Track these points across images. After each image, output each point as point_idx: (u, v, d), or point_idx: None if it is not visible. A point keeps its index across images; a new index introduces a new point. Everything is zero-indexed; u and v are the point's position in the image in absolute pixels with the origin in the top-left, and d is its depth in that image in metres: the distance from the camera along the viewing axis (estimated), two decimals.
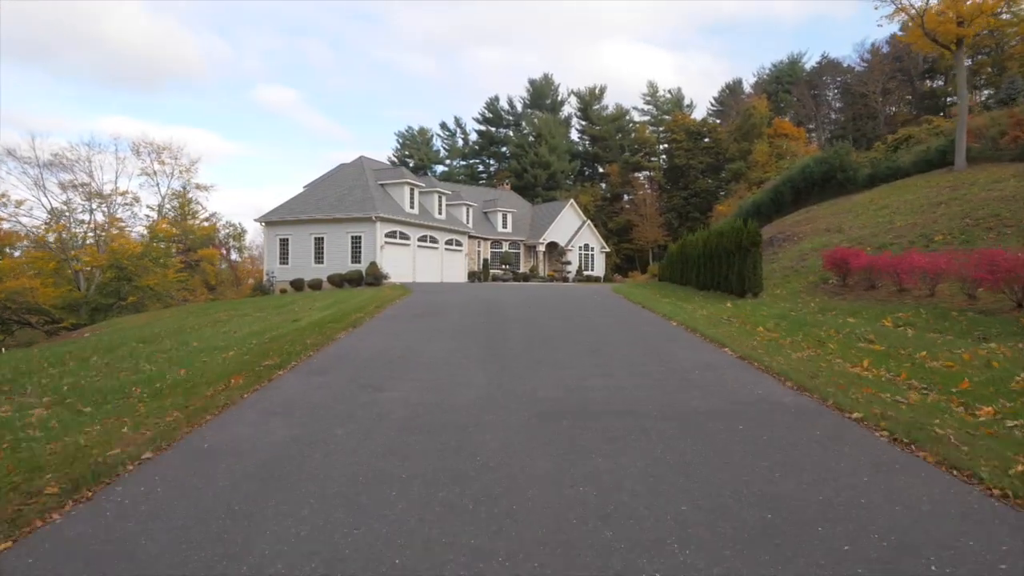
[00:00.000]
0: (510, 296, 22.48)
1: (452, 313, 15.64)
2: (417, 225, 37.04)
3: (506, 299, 21.16)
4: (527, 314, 15.40)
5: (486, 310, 16.43)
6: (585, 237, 52.02)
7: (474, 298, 21.26)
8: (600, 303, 19.68)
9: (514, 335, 11.72)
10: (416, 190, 37.69)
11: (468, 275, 43.57)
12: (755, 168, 66.20)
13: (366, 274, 32.23)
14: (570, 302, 19.86)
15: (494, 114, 78.83)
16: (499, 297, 21.94)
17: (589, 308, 18.15)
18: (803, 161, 40.27)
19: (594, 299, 21.69)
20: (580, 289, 29.83)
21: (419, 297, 21.50)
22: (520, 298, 21.80)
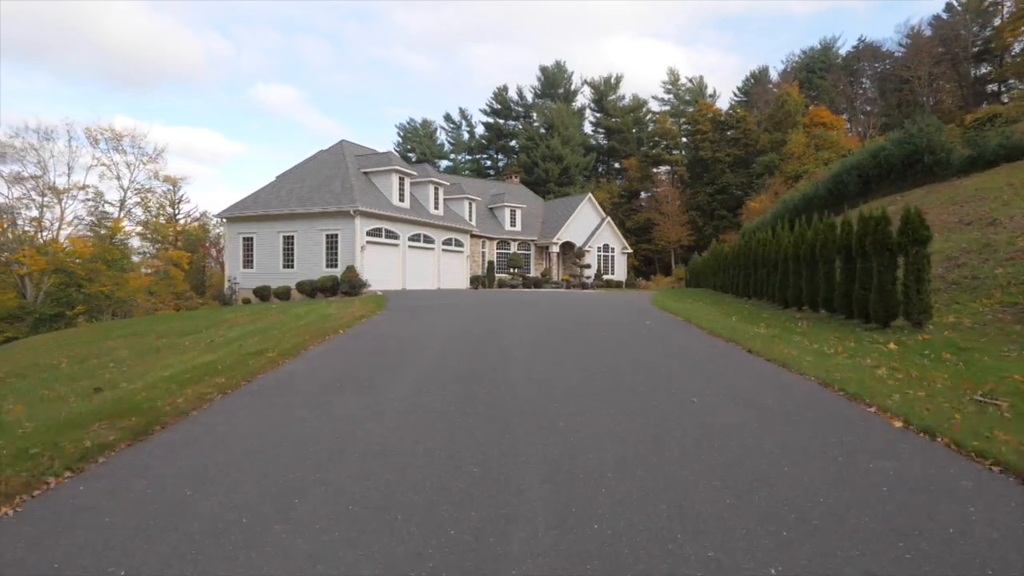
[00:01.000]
0: (518, 316, 15.90)
1: (417, 361, 9.02)
2: (408, 221, 30.55)
3: (513, 320, 14.62)
4: (548, 360, 8.82)
5: (477, 351, 9.86)
6: (605, 236, 45.35)
7: (468, 320, 14.76)
8: (653, 331, 13.05)
9: (527, 437, 5.33)
10: (407, 180, 31.21)
11: (470, 280, 37.06)
12: (790, 160, 59.21)
13: (341, 281, 25.76)
14: (607, 327, 13.26)
15: (502, 105, 72.28)
16: (503, 318, 15.38)
17: (641, 340, 11.47)
18: (874, 144, 33.31)
19: (636, 319, 15.12)
20: (607, 300, 23.19)
21: (388, 320, 15.01)
22: (533, 318, 15.22)
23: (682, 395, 6.89)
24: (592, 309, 18.86)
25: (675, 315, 16.00)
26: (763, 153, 62.93)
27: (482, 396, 6.96)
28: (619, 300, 23.43)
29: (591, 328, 13.28)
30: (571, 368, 8.45)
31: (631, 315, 16.88)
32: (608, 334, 12.06)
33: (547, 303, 21.10)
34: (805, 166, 57.56)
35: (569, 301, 22.39)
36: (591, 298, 24.78)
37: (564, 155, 63.22)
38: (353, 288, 25.07)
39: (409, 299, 22.52)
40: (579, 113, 71.78)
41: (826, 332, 11.22)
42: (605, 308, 19.25)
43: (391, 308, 18.30)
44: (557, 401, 6.71)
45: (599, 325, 13.84)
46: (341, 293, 25.54)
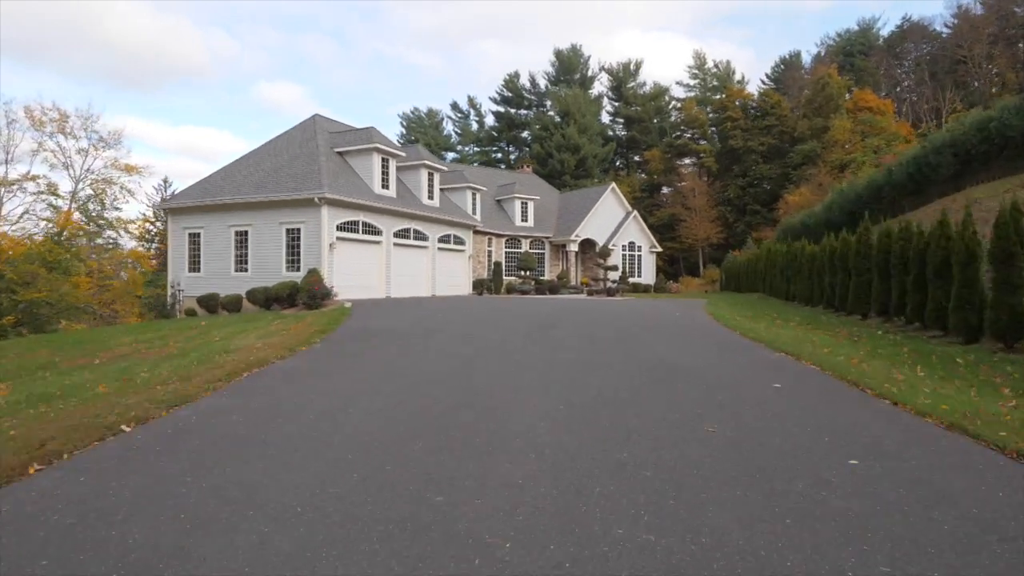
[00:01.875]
0: (534, 353, 9.48)
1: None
2: (393, 213, 24.30)
3: (525, 368, 8.21)
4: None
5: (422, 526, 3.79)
6: (630, 233, 38.83)
7: (447, 369, 8.47)
8: (800, 404, 6.40)
9: None
10: (392, 162, 24.92)
11: (473, 285, 30.75)
12: (833, 148, 52.36)
13: (300, 289, 19.54)
14: (707, 392, 6.61)
15: (514, 93, 65.87)
16: (511, 360, 9.03)
17: (811, 441, 4.91)
18: (975, 116, 26.53)
19: (735, 362, 8.50)
20: (650, 314, 16.52)
21: (306, 366, 8.70)
22: (561, 361, 8.75)
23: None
24: (643, 335, 12.40)
25: (783, 352, 9.49)
26: (801, 141, 56.07)
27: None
28: (667, 315, 16.98)
29: (679, 395, 6.89)
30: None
31: (715, 349, 10.42)
32: (726, 417, 5.69)
33: (570, 321, 14.69)
34: (851, 154, 50.79)
35: (600, 316, 15.99)
36: (626, 310, 18.37)
37: (581, 144, 56.69)
38: (314, 298, 18.83)
39: (382, 315, 16.24)
40: (596, 101, 65.21)
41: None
42: (661, 334, 12.78)
43: (340, 335, 11.99)
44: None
45: (686, 382, 7.44)
46: (301, 304, 19.31)
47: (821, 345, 10.43)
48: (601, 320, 14.95)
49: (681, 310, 18.58)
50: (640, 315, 16.67)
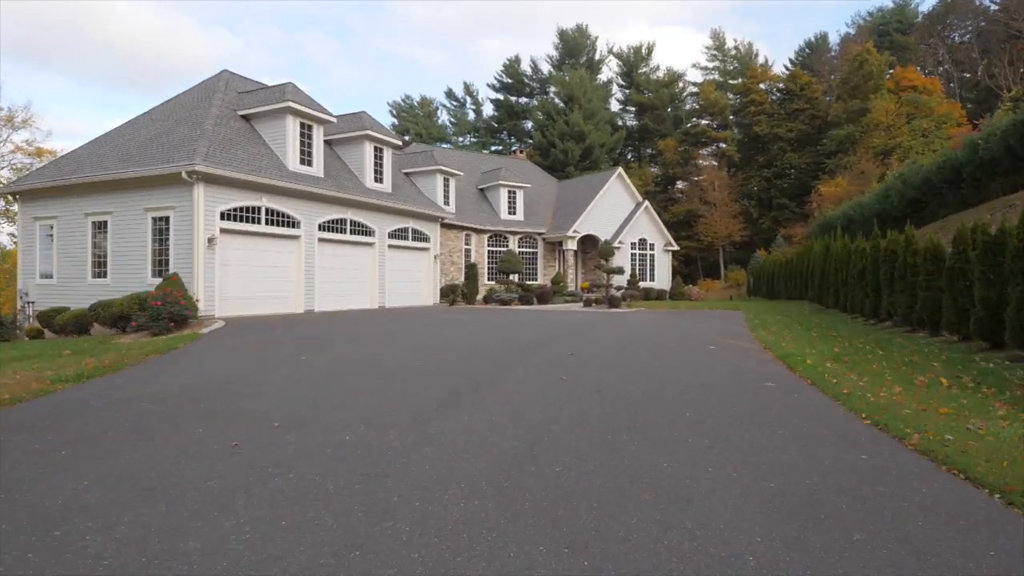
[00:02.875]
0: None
1: None
2: (318, 198, 17.74)
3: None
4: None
5: None
6: (641, 228, 31.96)
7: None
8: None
9: None
10: (319, 130, 18.31)
11: (442, 292, 24.11)
12: (874, 133, 45.05)
13: (145, 304, 12.95)
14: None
15: (514, 79, 59.15)
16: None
17: None
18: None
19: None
20: (666, 345, 9.33)
21: None
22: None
23: None
24: (651, 399, 5.71)
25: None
26: (836, 126, 48.74)
27: None
28: (696, 350, 10.05)
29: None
30: None
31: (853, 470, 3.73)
32: None
33: (515, 378, 7.99)
34: (896, 139, 43.46)
35: (583, 356, 9.24)
36: (629, 337, 11.50)
37: (586, 132, 49.83)
38: (158, 318, 12.22)
39: (235, 352, 9.71)
40: (604, 87, 58.28)
41: None
42: (708, 415, 6.00)
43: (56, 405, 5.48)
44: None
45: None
46: (167, 321, 12.67)
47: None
48: (578, 371, 8.22)
49: (715, 335, 11.77)
50: (652, 349, 9.88)
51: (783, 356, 8.91)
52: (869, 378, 7.26)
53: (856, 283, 14.25)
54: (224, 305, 15.09)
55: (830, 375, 7.28)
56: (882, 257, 12.50)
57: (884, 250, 12.41)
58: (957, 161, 24.03)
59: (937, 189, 25.61)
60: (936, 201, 25.93)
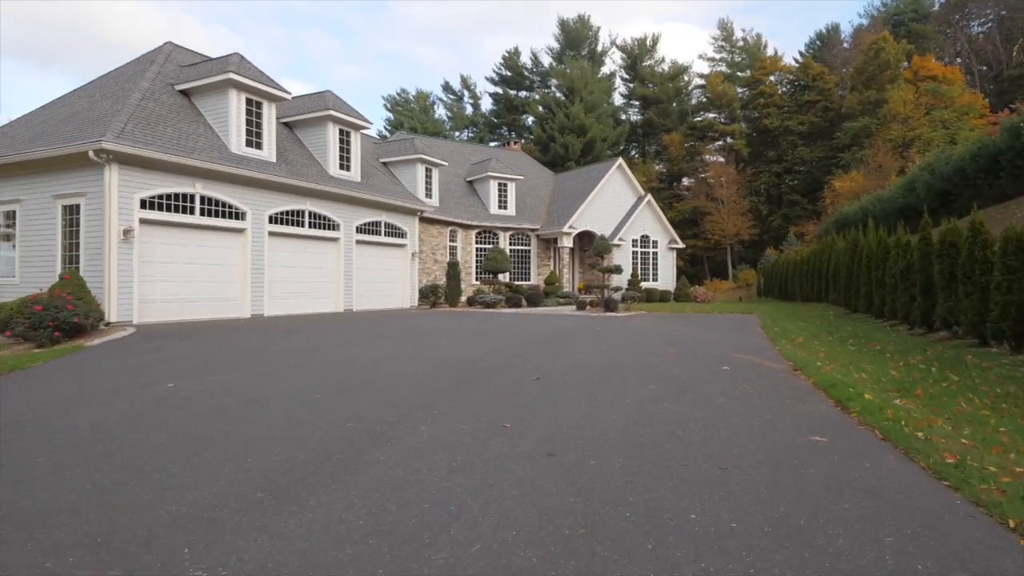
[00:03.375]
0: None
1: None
2: (267, 186, 15.32)
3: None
4: None
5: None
6: (643, 223, 29.41)
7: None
8: None
9: None
10: (270, 108, 15.85)
11: (422, 292, 21.69)
12: (892, 124, 42.33)
13: (21, 310, 10.59)
14: None
15: (513, 72, 56.65)
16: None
17: None
18: None
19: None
20: (667, 366, 6.97)
21: None
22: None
23: None
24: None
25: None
26: (850, 118, 46.03)
27: None
28: (711, 372, 7.54)
29: None
30: None
31: None
32: None
33: (465, 427, 5.55)
34: (916, 130, 40.77)
35: (571, 388, 6.80)
36: (617, 358, 9.06)
37: (587, 125, 47.29)
38: (39, 326, 9.85)
39: (30, 396, 7.35)
40: (607, 80, 55.70)
41: None
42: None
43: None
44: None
45: None
46: (51, 330, 10.32)
47: None
48: (534, 412, 5.76)
49: (728, 349, 9.24)
50: (646, 372, 7.36)
51: (825, 384, 6.40)
52: (969, 428, 4.76)
53: (898, 283, 11.71)
54: (146, 309, 12.70)
55: (907, 421, 4.78)
56: (936, 251, 9.95)
57: (939, 243, 9.86)
58: (995, 148, 21.42)
59: (971, 179, 22.96)
60: (970, 193, 23.24)
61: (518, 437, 4.45)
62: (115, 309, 12.01)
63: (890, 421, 4.81)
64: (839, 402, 5.67)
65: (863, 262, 14.33)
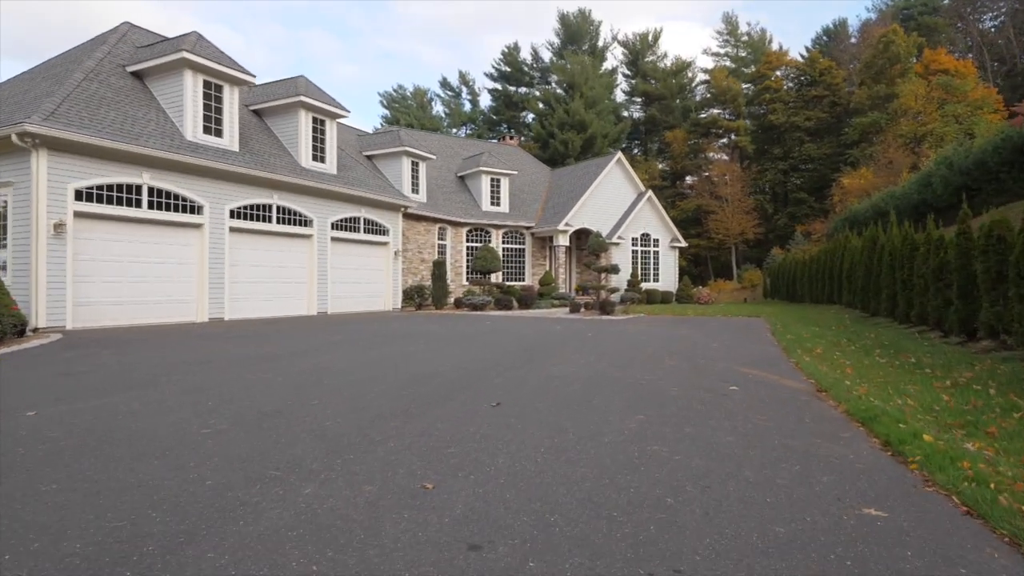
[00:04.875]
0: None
1: None
2: (226, 177, 13.94)
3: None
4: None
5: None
6: (644, 221, 27.96)
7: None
8: None
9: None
10: (232, 92, 14.44)
11: (406, 294, 20.30)
12: (903, 119, 40.79)
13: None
14: None
15: (513, 68, 55.27)
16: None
17: None
18: None
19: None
20: (660, 404, 5.75)
21: None
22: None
23: None
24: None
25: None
26: (859, 113, 44.44)
27: None
28: (716, 395, 6.11)
29: None
30: None
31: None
32: None
33: (363, 488, 4.14)
34: (928, 125, 39.20)
35: (536, 419, 5.42)
36: (623, 364, 7.69)
37: (588, 121, 45.86)
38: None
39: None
40: (609, 76, 54.25)
41: None
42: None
43: None
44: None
45: None
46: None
47: None
48: (473, 461, 4.35)
49: (736, 361, 7.78)
50: (635, 394, 5.91)
51: (863, 415, 4.96)
52: None
53: (930, 284, 10.23)
54: (83, 313, 11.32)
55: (996, 483, 3.34)
56: (980, 247, 8.48)
57: (984, 237, 8.39)
58: (1020, 139, 19.92)
59: (993, 173, 21.45)
60: (992, 187, 21.75)
61: (435, 509, 3.02)
62: (43, 313, 10.63)
63: (971, 482, 3.36)
64: (888, 444, 4.22)
65: (884, 261, 12.84)
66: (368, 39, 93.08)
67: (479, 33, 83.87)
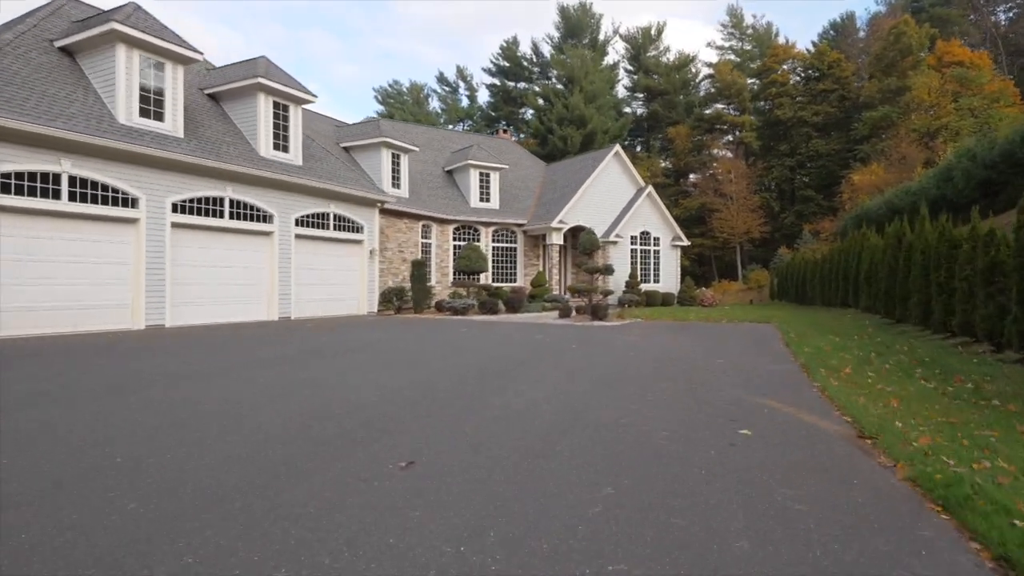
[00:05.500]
0: None
1: None
2: (167, 166, 12.30)
3: None
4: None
5: None
6: (643, 218, 26.20)
7: None
8: None
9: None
10: (174, 70, 12.80)
11: (383, 296, 18.63)
12: (915, 113, 38.92)
13: None
14: None
15: (512, 62, 53.55)
16: None
17: None
18: None
19: None
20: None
21: None
22: None
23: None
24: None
25: None
26: (869, 107, 42.50)
27: None
28: (723, 443, 4.44)
29: None
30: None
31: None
32: None
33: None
34: (942, 119, 37.29)
35: (461, 490, 3.79)
36: (602, 392, 6.07)
37: (588, 116, 44.11)
38: None
39: None
40: (610, 71, 52.46)
41: None
42: None
43: None
44: None
45: None
46: None
47: None
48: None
49: (747, 386, 6.06)
50: (609, 447, 4.26)
51: (943, 493, 3.24)
52: None
53: (978, 289, 8.47)
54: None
55: None
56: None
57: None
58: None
59: (1022, 165, 19.65)
60: (1021, 181, 19.91)
61: None
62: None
63: None
64: (1007, 563, 2.51)
65: (915, 260, 11.08)
66: (368, 39, 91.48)
67: (479, 32, 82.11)
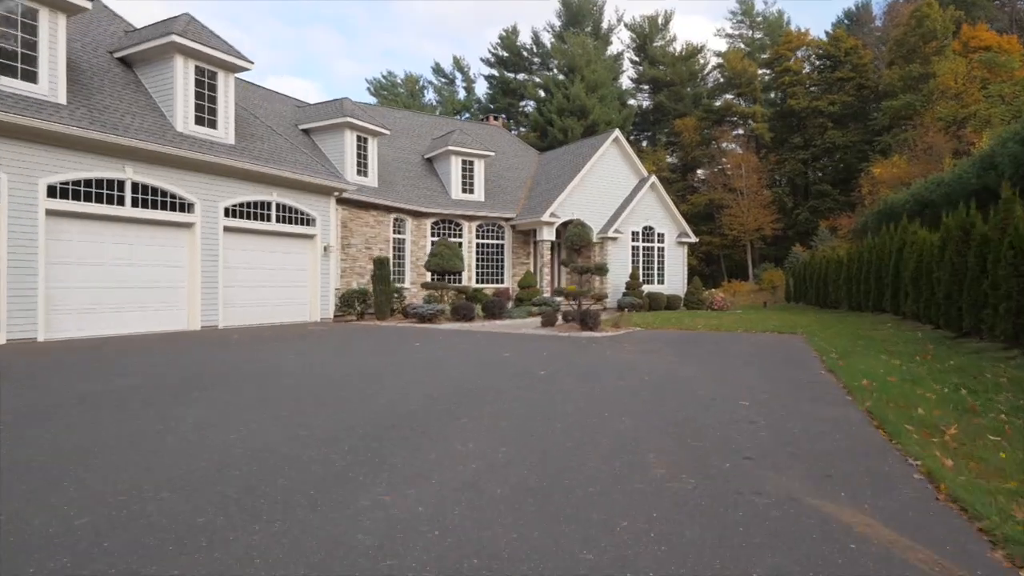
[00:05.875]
0: None
1: None
2: (41, 139, 9.77)
3: None
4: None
5: None
6: (646, 212, 23.45)
7: None
8: None
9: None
10: (52, 19, 10.18)
11: (344, 299, 16.04)
12: (940, 100, 35.93)
13: None
14: None
15: (511, 52, 50.87)
16: None
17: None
18: None
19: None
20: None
21: None
22: None
23: None
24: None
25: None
26: (890, 96, 39.50)
27: None
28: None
29: None
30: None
31: None
32: None
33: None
34: (969, 107, 34.33)
35: None
36: (552, 494, 3.56)
37: (589, 107, 41.39)
38: None
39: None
40: (613, 60, 49.72)
41: None
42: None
43: None
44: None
45: None
46: None
47: None
48: None
49: (784, 451, 3.56)
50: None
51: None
52: None
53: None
54: None
55: None
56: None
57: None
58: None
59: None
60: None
61: None
62: None
63: None
64: None
65: (1004, 257, 8.39)
66: (371, 36, 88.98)
67: (481, 28, 79.50)
